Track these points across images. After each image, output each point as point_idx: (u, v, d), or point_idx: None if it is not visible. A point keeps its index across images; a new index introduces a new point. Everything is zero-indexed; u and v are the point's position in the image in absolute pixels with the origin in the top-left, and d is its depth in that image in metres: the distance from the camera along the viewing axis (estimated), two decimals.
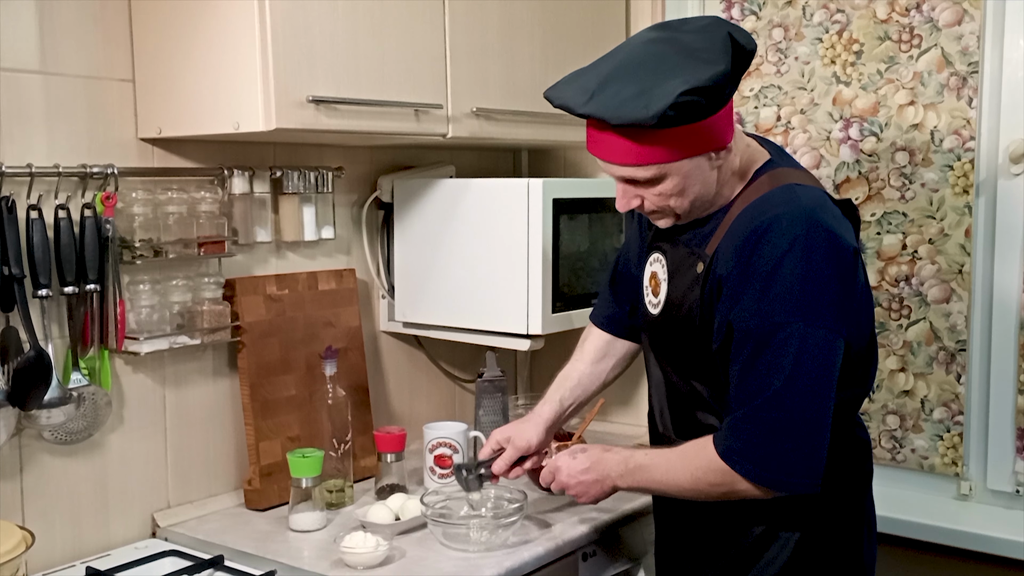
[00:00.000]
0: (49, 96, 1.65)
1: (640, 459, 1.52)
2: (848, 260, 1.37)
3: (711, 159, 1.39)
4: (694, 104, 1.29)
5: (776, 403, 1.34)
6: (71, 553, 1.70)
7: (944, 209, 2.07)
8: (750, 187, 1.44)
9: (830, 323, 1.34)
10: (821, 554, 1.49)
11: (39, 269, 1.59)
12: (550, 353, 2.47)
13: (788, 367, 1.33)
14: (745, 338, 1.36)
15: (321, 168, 2.02)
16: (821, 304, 1.33)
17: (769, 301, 1.34)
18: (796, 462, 1.35)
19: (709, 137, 1.35)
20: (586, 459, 1.57)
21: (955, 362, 2.08)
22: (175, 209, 1.77)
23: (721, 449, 1.39)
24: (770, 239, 1.34)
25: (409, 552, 1.67)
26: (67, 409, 1.64)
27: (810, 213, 1.35)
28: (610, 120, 1.32)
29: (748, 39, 1.36)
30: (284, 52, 1.59)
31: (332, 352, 1.92)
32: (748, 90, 2.27)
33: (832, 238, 1.35)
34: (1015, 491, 2.06)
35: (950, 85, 2.04)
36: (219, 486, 1.93)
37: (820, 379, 1.34)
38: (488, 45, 1.98)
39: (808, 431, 1.35)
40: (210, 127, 1.67)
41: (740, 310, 1.36)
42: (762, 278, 1.34)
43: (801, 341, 1.32)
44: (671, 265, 1.52)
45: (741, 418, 1.37)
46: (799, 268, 1.33)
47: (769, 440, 1.35)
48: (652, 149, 1.34)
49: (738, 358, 1.37)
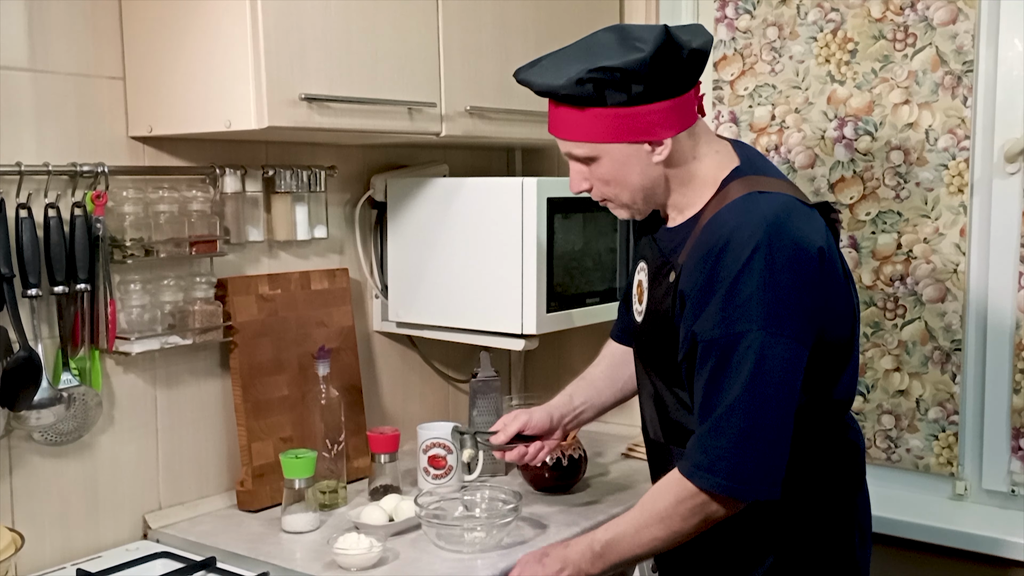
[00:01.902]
0: (39, 94, 1.63)
1: (604, 536, 1.47)
2: (813, 264, 1.36)
3: (649, 152, 1.42)
4: (605, 83, 1.36)
5: (738, 412, 1.33)
6: (61, 555, 1.68)
7: (939, 208, 2.07)
8: (718, 195, 1.44)
9: (792, 332, 1.33)
10: (810, 558, 1.48)
11: (28, 268, 1.57)
12: (545, 353, 2.47)
13: (747, 376, 1.32)
14: (708, 350, 1.36)
15: (314, 167, 2.00)
16: (783, 313, 1.33)
17: (731, 312, 1.34)
18: (758, 471, 1.34)
19: (638, 126, 1.39)
20: (553, 561, 1.49)
21: (950, 362, 2.08)
22: (166, 208, 1.76)
23: (688, 469, 1.37)
24: (731, 250, 1.34)
25: (403, 553, 1.66)
26: (57, 410, 1.63)
27: (772, 221, 1.35)
28: (532, 85, 1.44)
29: (696, 37, 1.39)
30: (276, 49, 1.58)
31: (325, 352, 1.91)
32: (743, 89, 2.27)
33: (795, 244, 1.35)
34: (1010, 491, 2.06)
35: (945, 84, 2.04)
36: (211, 487, 1.92)
37: (783, 388, 1.34)
38: (482, 43, 1.97)
39: (770, 439, 1.34)
40: (202, 125, 1.65)
41: (703, 322, 1.36)
42: (724, 290, 1.34)
43: (762, 350, 1.32)
44: (651, 273, 1.54)
45: (705, 432, 1.36)
46: (760, 278, 1.32)
47: (733, 451, 1.34)
48: (584, 127, 1.41)
49: (702, 371, 1.37)
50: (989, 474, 2.08)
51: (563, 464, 1.95)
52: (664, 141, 1.41)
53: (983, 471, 2.09)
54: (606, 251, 2.14)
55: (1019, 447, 2.04)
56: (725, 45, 2.28)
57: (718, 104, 2.31)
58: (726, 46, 2.28)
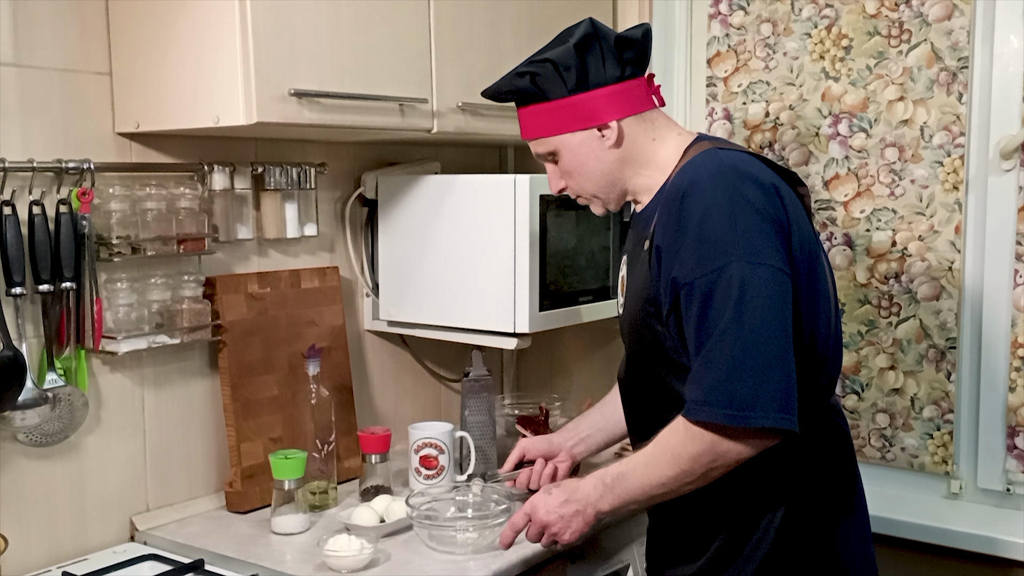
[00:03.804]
0: (23, 89, 1.61)
1: (615, 470, 1.47)
2: (775, 200, 1.38)
3: (599, 138, 1.49)
4: (539, 75, 1.47)
5: (728, 340, 1.31)
6: (47, 558, 1.66)
7: (934, 206, 2.06)
8: (682, 160, 1.48)
9: (771, 260, 1.33)
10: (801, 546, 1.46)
11: (13, 266, 1.55)
12: (537, 352, 2.45)
13: (734, 305, 1.31)
14: (690, 294, 1.35)
15: (304, 164, 1.98)
16: (757, 242, 1.33)
17: (705, 250, 1.34)
18: (759, 395, 1.30)
19: (582, 113, 1.48)
20: (561, 492, 1.52)
21: (945, 360, 2.07)
22: (154, 205, 1.73)
23: (686, 409, 1.35)
24: (695, 193, 1.36)
25: (394, 555, 1.64)
26: (42, 410, 1.61)
27: (731, 165, 1.39)
28: (486, 93, 1.58)
29: (630, 29, 1.50)
30: (265, 44, 1.56)
31: (315, 351, 1.89)
32: (736, 86, 2.26)
33: (756, 181, 1.37)
34: (1005, 489, 2.05)
35: (940, 80, 2.03)
36: (199, 488, 1.89)
37: (772, 312, 1.32)
38: (474, 39, 1.95)
39: (766, 363, 1.30)
40: (189, 121, 1.63)
41: (680, 266, 1.36)
42: (695, 230, 1.35)
43: (743, 279, 1.31)
44: (629, 257, 1.56)
45: (698, 367, 1.34)
46: (728, 211, 1.34)
47: (729, 379, 1.30)
48: (538, 124, 1.52)
49: (689, 316, 1.35)
50: (984, 473, 2.07)
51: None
52: (610, 124, 1.48)
53: (978, 470, 2.08)
54: (599, 249, 2.12)
55: (1014, 445, 2.03)
56: (719, 41, 2.27)
57: (712, 101, 2.30)
58: (720, 42, 2.27)
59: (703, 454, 1.35)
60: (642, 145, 1.50)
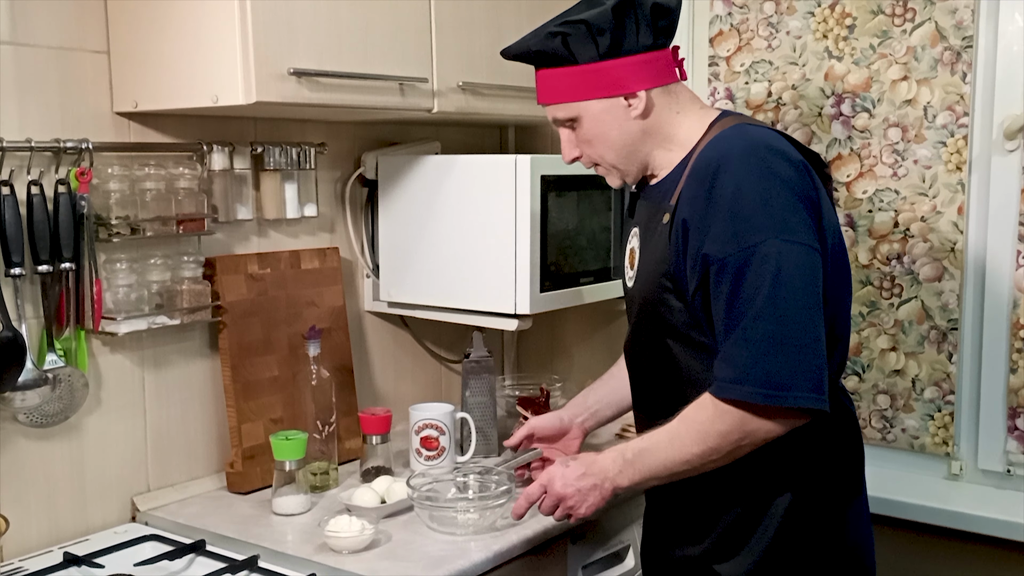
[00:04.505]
0: (20, 68, 1.60)
1: (637, 445, 1.45)
2: (806, 178, 1.37)
3: (625, 107, 1.45)
4: (573, 36, 1.42)
5: (764, 318, 1.30)
6: (48, 538, 1.66)
7: (937, 186, 2.05)
8: (706, 135, 1.46)
9: (804, 238, 1.32)
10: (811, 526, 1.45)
11: (12, 247, 1.54)
12: (538, 333, 2.45)
13: (769, 283, 1.30)
14: (722, 270, 1.33)
15: (303, 144, 1.97)
16: (791, 220, 1.32)
17: (738, 226, 1.32)
18: (796, 375, 1.29)
19: (610, 80, 1.44)
20: (579, 465, 1.50)
21: (947, 341, 2.07)
22: (153, 185, 1.73)
23: (717, 387, 1.34)
24: (727, 168, 1.35)
25: (395, 536, 1.64)
26: (42, 391, 1.61)
27: (762, 141, 1.38)
28: (510, 52, 1.52)
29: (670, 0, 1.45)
30: (264, 22, 1.55)
31: (316, 332, 1.88)
32: (739, 65, 2.24)
33: (787, 158, 1.37)
34: (1006, 471, 2.05)
35: (944, 60, 2.01)
36: (200, 469, 1.89)
37: (805, 291, 1.31)
38: (474, 18, 1.94)
39: (802, 342, 1.30)
40: (188, 100, 1.62)
41: (711, 242, 1.34)
42: (727, 206, 1.33)
43: (778, 257, 1.30)
44: (643, 229, 1.53)
45: (730, 344, 1.33)
46: (761, 188, 1.33)
47: (764, 357, 1.30)
48: (562, 87, 1.47)
49: (720, 292, 1.34)
50: (985, 454, 2.07)
51: None
52: (638, 94, 1.45)
53: (979, 451, 2.08)
54: (600, 230, 2.11)
55: (1015, 427, 2.03)
56: (721, 20, 2.25)
57: (714, 80, 2.28)
58: (722, 21, 2.25)
59: (732, 431, 1.34)
60: (666, 117, 1.48)
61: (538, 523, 1.69)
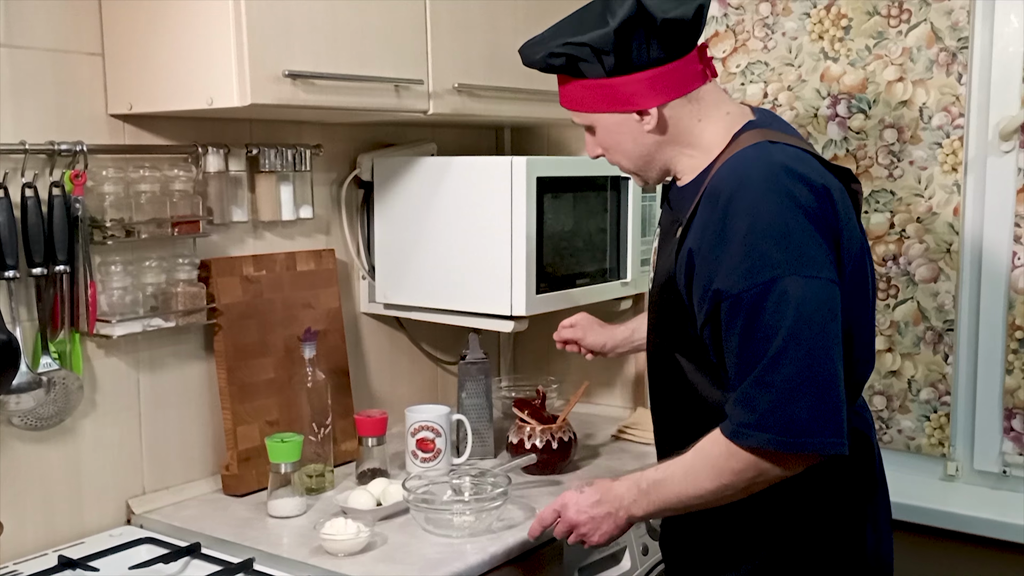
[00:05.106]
0: (15, 70, 1.59)
1: (652, 476, 1.41)
2: (827, 204, 1.31)
3: (638, 122, 1.41)
4: (577, 57, 1.38)
5: (784, 361, 1.24)
6: (43, 541, 1.66)
7: (932, 187, 2.05)
8: (729, 147, 1.39)
9: (824, 272, 1.26)
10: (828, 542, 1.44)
11: (6, 250, 1.54)
12: (534, 335, 2.44)
13: (789, 323, 1.23)
14: (735, 306, 1.27)
15: (299, 145, 1.97)
16: (809, 253, 1.26)
17: (753, 261, 1.26)
18: (816, 420, 1.24)
19: (620, 97, 1.40)
20: (594, 491, 1.46)
21: (943, 342, 2.07)
22: (147, 188, 1.72)
23: (732, 430, 1.30)
24: (743, 198, 1.28)
25: (391, 538, 1.64)
26: (37, 394, 1.60)
27: (783, 164, 1.31)
28: (522, 59, 1.48)
29: (677, 7, 1.34)
30: (259, 24, 1.54)
31: (311, 334, 1.88)
32: (735, 66, 2.24)
33: (808, 183, 1.29)
34: (1002, 472, 2.05)
35: (939, 61, 2.01)
36: (196, 472, 1.89)
37: (824, 329, 1.25)
38: (470, 19, 1.93)
39: (822, 386, 1.25)
40: (183, 103, 1.62)
41: (724, 277, 1.28)
42: (741, 239, 1.27)
43: (797, 294, 1.24)
44: (663, 233, 1.51)
45: (748, 387, 1.27)
46: (778, 219, 1.26)
47: (784, 404, 1.24)
48: (576, 97, 1.45)
49: (733, 329, 1.28)
50: (981, 455, 2.07)
51: (553, 447, 1.93)
52: (650, 111, 1.39)
53: (975, 452, 2.08)
54: (596, 231, 2.11)
55: (1011, 428, 2.03)
56: (717, 21, 2.25)
57: None
58: (718, 22, 2.25)
59: (746, 470, 1.31)
60: (687, 125, 1.42)
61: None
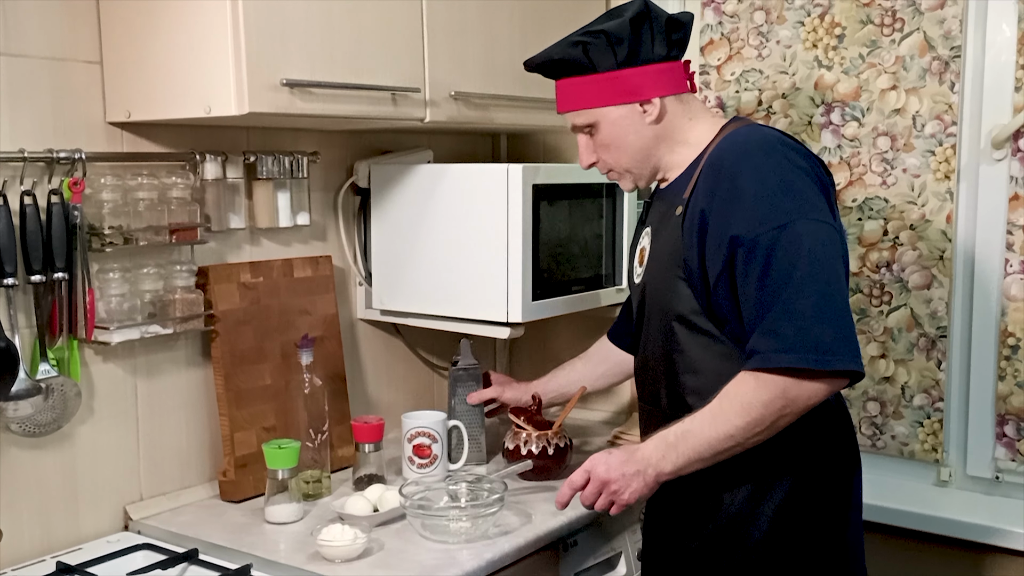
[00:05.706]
0: (12, 78, 1.60)
1: (679, 428, 1.45)
2: (821, 170, 1.49)
3: (641, 113, 1.55)
4: (593, 45, 1.51)
5: (805, 292, 1.36)
6: (41, 547, 1.66)
7: (926, 195, 2.06)
8: (718, 137, 1.55)
9: (828, 218, 1.42)
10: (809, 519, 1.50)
11: (4, 257, 1.54)
12: (530, 341, 2.45)
13: (805, 259, 1.37)
14: (752, 249, 1.40)
15: (296, 153, 1.98)
16: (814, 201, 1.42)
17: (765, 208, 1.40)
18: (838, 341, 1.36)
19: (628, 87, 1.54)
20: (622, 452, 1.50)
21: (936, 348, 2.08)
22: (145, 195, 1.73)
23: (760, 359, 1.38)
24: (747, 158, 1.45)
25: (388, 544, 1.65)
26: (35, 401, 1.61)
27: (776, 137, 1.49)
28: (534, 62, 1.61)
29: (683, 15, 1.57)
30: (257, 33, 1.55)
31: (308, 341, 1.89)
32: (729, 74, 2.25)
33: (801, 152, 1.48)
34: (994, 477, 2.06)
35: (932, 69, 2.03)
36: (193, 478, 1.90)
37: (834, 266, 1.40)
38: (467, 28, 1.94)
39: (839, 313, 1.37)
40: (181, 111, 1.62)
41: (738, 225, 1.41)
42: (751, 190, 1.42)
43: (809, 235, 1.38)
44: (655, 227, 1.60)
45: (772, 319, 1.38)
46: (782, 173, 1.42)
47: (811, 328, 1.35)
48: (582, 95, 1.56)
49: (750, 272, 1.40)
50: (973, 460, 2.08)
51: (549, 453, 1.94)
52: (653, 100, 1.54)
53: (968, 457, 2.09)
54: (592, 238, 2.12)
55: (1004, 433, 2.04)
56: (712, 29, 2.26)
57: (705, 89, 2.29)
58: (713, 30, 2.26)
59: (775, 399, 1.38)
60: (679, 123, 1.57)
61: (530, 531, 1.70)
